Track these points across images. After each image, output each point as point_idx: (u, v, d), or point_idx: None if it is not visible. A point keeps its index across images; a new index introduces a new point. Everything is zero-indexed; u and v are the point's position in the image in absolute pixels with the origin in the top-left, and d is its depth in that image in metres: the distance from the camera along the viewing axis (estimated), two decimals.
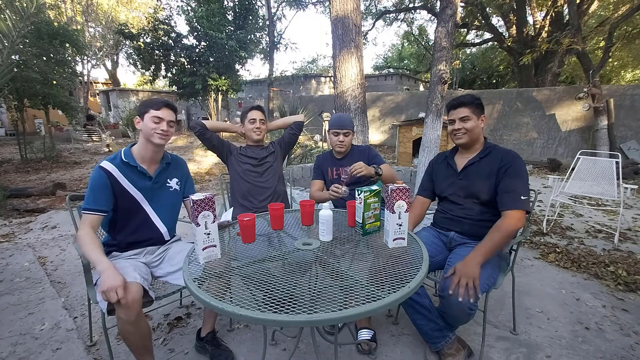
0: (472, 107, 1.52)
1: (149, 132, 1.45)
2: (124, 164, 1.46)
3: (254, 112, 2.08)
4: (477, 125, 1.53)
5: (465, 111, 1.52)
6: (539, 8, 10.16)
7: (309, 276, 1.23)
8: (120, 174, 1.44)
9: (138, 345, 1.31)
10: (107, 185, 1.40)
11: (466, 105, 1.52)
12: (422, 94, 10.60)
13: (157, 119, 1.46)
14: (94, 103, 19.47)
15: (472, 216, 1.56)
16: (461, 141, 1.57)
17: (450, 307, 1.34)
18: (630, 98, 6.89)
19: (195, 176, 6.55)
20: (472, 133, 1.54)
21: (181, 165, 1.69)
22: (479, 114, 1.54)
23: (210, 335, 1.61)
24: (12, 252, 2.84)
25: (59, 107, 7.42)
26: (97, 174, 1.40)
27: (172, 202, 1.62)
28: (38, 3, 4.40)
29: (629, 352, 1.62)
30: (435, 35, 3.54)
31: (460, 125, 1.54)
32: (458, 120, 1.55)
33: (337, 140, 1.99)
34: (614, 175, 3.18)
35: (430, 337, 1.50)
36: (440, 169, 1.72)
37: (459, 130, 1.55)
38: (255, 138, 2.08)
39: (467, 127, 1.53)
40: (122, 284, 1.19)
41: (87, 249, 1.28)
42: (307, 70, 25.48)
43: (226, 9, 10.31)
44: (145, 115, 1.46)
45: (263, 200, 2.02)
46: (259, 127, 2.07)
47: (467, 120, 1.52)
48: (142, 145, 1.50)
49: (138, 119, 1.50)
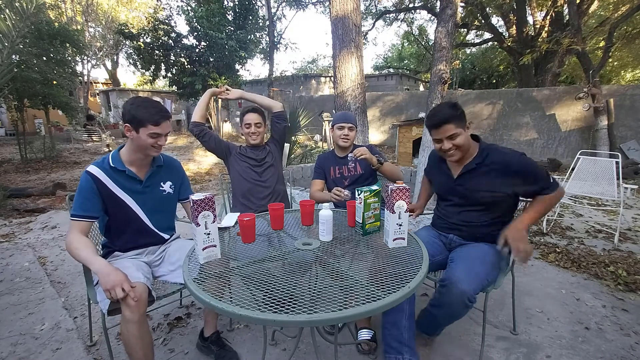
0: (456, 120, 1.39)
1: (145, 146, 1.38)
2: (112, 168, 1.40)
3: (249, 116, 2.03)
4: (466, 136, 1.43)
5: (451, 128, 1.39)
6: (539, 8, 10.16)
7: (309, 276, 1.23)
8: (108, 179, 1.38)
9: (139, 354, 1.25)
10: (94, 191, 1.35)
11: (449, 121, 1.38)
12: (422, 94, 10.60)
13: (155, 135, 1.37)
14: (94, 103, 19.47)
15: (472, 222, 1.53)
16: (454, 158, 1.47)
17: (450, 297, 1.31)
18: (630, 98, 6.89)
19: (195, 176, 6.55)
20: (463, 148, 1.43)
21: (175, 168, 1.63)
22: (464, 125, 1.41)
23: (215, 335, 1.58)
24: (12, 252, 2.84)
25: (59, 107, 7.43)
26: (84, 180, 1.35)
27: (165, 205, 1.58)
28: (38, 3, 4.40)
29: (629, 352, 1.62)
30: (435, 35, 3.54)
31: (449, 144, 1.41)
32: (446, 139, 1.42)
33: (342, 133, 1.99)
34: (614, 175, 3.18)
35: (387, 344, 1.41)
36: (436, 168, 1.67)
37: (449, 149, 1.43)
38: (252, 143, 2.07)
39: (458, 143, 1.41)
40: (125, 279, 1.18)
41: (77, 252, 1.26)
42: (307, 70, 25.47)
43: (226, 9, 10.31)
44: (141, 130, 1.35)
45: (263, 199, 2.02)
46: (255, 131, 2.03)
47: (456, 137, 1.40)
48: (131, 152, 1.43)
49: (129, 128, 1.36)
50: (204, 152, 9.25)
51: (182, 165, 1.70)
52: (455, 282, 1.29)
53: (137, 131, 1.36)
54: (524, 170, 1.39)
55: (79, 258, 1.27)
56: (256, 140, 2.06)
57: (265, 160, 2.09)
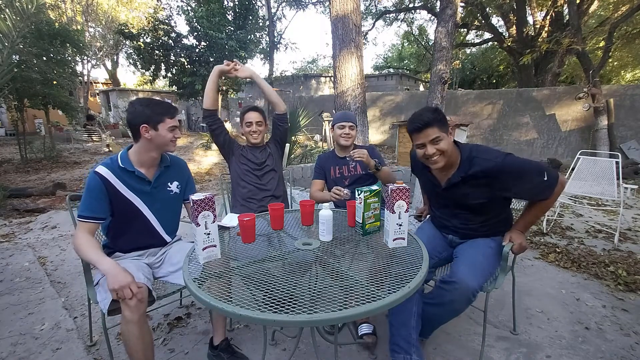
0: (439, 124, 1.34)
1: (166, 142, 1.40)
2: (121, 169, 1.39)
3: (250, 114, 2.01)
4: (449, 142, 1.38)
5: (434, 132, 1.34)
6: (539, 8, 10.17)
7: (309, 276, 1.23)
8: (117, 180, 1.38)
9: (139, 354, 1.25)
10: (102, 192, 1.35)
11: (432, 124, 1.34)
12: (422, 94, 10.60)
13: (173, 128, 1.40)
14: (94, 103, 19.47)
15: (468, 224, 1.53)
16: (439, 165, 1.40)
17: (454, 293, 1.31)
18: (630, 98, 6.89)
19: (195, 176, 6.55)
20: (447, 153, 1.37)
21: (182, 167, 1.63)
22: (447, 129, 1.37)
23: (224, 343, 1.54)
24: (12, 252, 2.84)
25: (59, 107, 7.43)
26: (93, 180, 1.34)
27: (172, 205, 1.59)
28: (38, 3, 4.40)
29: (629, 352, 1.62)
30: (435, 35, 3.55)
31: (433, 149, 1.35)
32: (429, 144, 1.36)
33: (343, 132, 1.99)
34: (614, 175, 3.18)
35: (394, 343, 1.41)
36: (424, 176, 1.61)
37: (432, 155, 1.36)
38: (253, 142, 2.05)
39: (442, 148, 1.35)
40: (132, 280, 1.20)
41: (85, 252, 1.27)
42: (307, 70, 25.47)
43: (226, 9, 10.29)
44: (160, 125, 1.36)
45: (262, 199, 2.02)
46: (256, 130, 2.01)
47: (439, 141, 1.35)
48: (143, 152, 1.42)
49: (147, 128, 1.35)
50: (204, 152, 9.25)
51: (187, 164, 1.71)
52: (461, 278, 1.30)
53: (156, 129, 1.37)
54: (508, 172, 1.33)
55: (87, 258, 1.28)
56: (257, 139, 2.04)
57: (266, 163, 2.06)
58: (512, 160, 1.34)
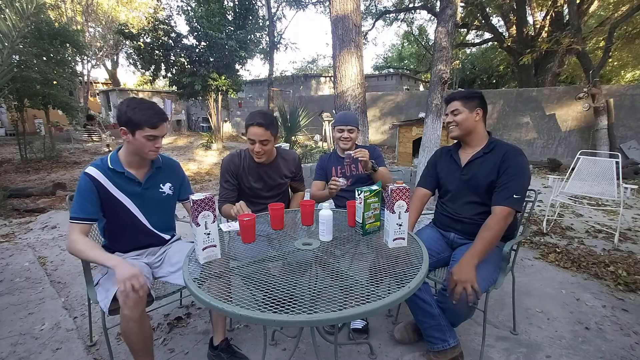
0: (464, 100, 1.56)
1: (141, 149, 1.35)
2: (111, 170, 1.38)
3: (254, 130, 1.66)
4: (468, 117, 1.55)
5: (456, 104, 1.57)
6: (539, 8, 10.17)
7: (308, 276, 1.23)
8: (107, 180, 1.37)
9: (139, 345, 1.30)
10: (94, 193, 1.34)
11: (457, 99, 1.57)
12: (422, 94, 10.59)
13: (152, 137, 1.34)
14: (94, 103, 19.47)
15: (471, 216, 1.56)
16: (453, 134, 1.62)
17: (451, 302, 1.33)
18: (630, 98, 6.89)
19: (195, 176, 6.55)
20: (462, 126, 1.56)
21: (175, 169, 1.60)
22: (472, 107, 1.55)
23: (224, 343, 1.54)
24: (12, 252, 2.84)
25: (59, 107, 7.43)
26: (83, 181, 1.33)
27: (165, 207, 1.57)
28: (38, 3, 4.40)
29: (629, 352, 1.62)
30: (435, 35, 3.55)
31: (451, 118, 1.59)
32: (450, 113, 1.60)
33: (342, 136, 1.99)
34: (614, 175, 3.18)
35: (429, 336, 1.49)
36: (445, 161, 1.72)
37: (449, 123, 1.61)
38: (257, 162, 1.80)
39: (457, 119, 1.56)
40: (140, 272, 1.22)
41: (87, 252, 1.26)
42: (307, 70, 25.46)
43: (226, 9, 10.30)
44: (137, 132, 1.31)
45: (264, 201, 2.01)
46: (259, 150, 1.69)
47: (458, 114, 1.56)
48: (129, 154, 1.41)
49: (125, 131, 1.33)
50: (204, 152, 9.26)
51: (181, 165, 1.69)
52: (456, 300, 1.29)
53: (133, 134, 1.32)
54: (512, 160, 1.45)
55: (91, 258, 1.27)
56: (261, 159, 1.77)
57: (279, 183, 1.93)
58: (522, 159, 1.47)
